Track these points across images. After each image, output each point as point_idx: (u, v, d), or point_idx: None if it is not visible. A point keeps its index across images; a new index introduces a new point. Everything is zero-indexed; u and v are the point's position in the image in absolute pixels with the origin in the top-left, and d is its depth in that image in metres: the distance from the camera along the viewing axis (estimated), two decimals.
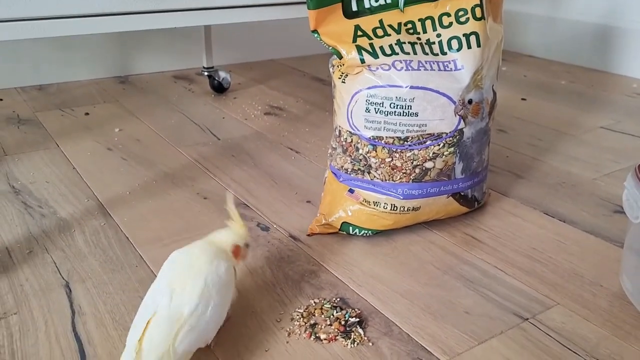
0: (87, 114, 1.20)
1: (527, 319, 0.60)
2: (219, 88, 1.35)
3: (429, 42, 0.70)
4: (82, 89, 1.38)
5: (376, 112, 0.69)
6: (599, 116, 1.26)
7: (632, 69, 1.58)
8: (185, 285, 0.52)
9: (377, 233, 0.75)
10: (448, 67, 0.69)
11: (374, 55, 0.68)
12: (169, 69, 1.56)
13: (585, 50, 1.67)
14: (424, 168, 0.71)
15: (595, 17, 1.64)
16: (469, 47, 0.69)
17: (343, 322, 0.58)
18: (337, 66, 0.72)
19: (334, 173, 0.76)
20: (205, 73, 1.35)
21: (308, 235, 0.76)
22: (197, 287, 0.52)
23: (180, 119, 1.19)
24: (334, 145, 0.76)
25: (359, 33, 0.69)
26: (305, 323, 0.58)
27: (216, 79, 1.34)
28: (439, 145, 0.70)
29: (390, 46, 0.68)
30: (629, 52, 1.58)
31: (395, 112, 0.68)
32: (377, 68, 0.68)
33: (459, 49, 0.69)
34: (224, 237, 0.57)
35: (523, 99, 1.37)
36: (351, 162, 0.73)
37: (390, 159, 0.70)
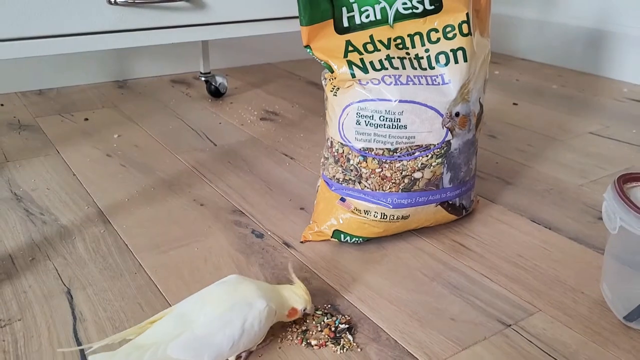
0: (86, 119, 1.22)
1: (510, 325, 0.63)
2: (216, 93, 1.37)
3: (417, 57, 0.72)
4: (82, 93, 1.40)
5: (366, 125, 0.71)
6: (588, 121, 1.28)
7: (622, 73, 1.61)
8: (213, 301, 0.54)
9: (368, 240, 0.77)
10: (436, 82, 0.71)
11: (364, 70, 0.71)
12: (167, 73, 1.59)
13: (576, 53, 1.70)
14: (412, 178, 0.73)
15: (586, 21, 1.66)
16: (456, 62, 0.72)
17: (333, 329, 0.61)
18: (329, 80, 0.75)
19: (326, 182, 0.78)
20: (203, 78, 1.37)
21: (301, 242, 0.78)
22: (221, 307, 0.54)
23: (177, 124, 1.21)
24: (326, 155, 0.78)
25: (350, 48, 0.72)
26: (297, 329, 0.61)
27: (213, 84, 1.36)
28: (427, 156, 0.73)
29: (380, 61, 0.71)
30: (619, 56, 1.61)
31: (384, 124, 0.71)
32: (368, 82, 0.71)
33: (446, 64, 0.72)
34: (287, 296, 0.58)
35: (514, 104, 1.39)
36: (342, 172, 0.75)
37: (380, 170, 0.73)
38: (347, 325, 0.61)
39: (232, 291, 0.56)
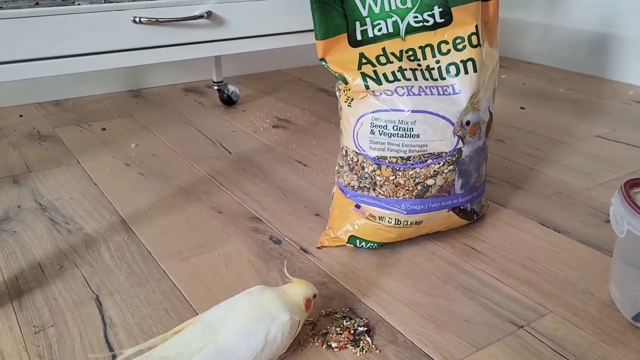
0: (103, 129, 1.25)
1: (522, 326, 0.66)
2: (229, 101, 1.40)
3: (428, 68, 0.75)
4: (97, 103, 1.44)
5: (380, 134, 0.74)
6: (595, 124, 1.30)
7: (628, 76, 1.63)
8: (238, 312, 0.55)
9: (383, 245, 0.80)
10: (447, 92, 0.74)
11: (378, 81, 0.73)
12: (179, 81, 1.62)
13: (582, 57, 1.72)
14: (425, 185, 0.76)
15: (592, 25, 1.68)
16: (466, 72, 0.74)
17: (352, 331, 0.63)
18: (344, 91, 0.77)
19: (341, 189, 0.81)
20: (215, 87, 1.40)
21: (318, 248, 0.81)
22: (245, 318, 0.55)
23: (192, 132, 1.24)
24: (341, 164, 0.81)
25: (364, 61, 0.74)
26: (318, 332, 0.64)
27: (225, 92, 1.39)
28: (439, 163, 0.75)
29: (393, 73, 0.74)
30: (625, 59, 1.62)
31: (398, 134, 0.74)
32: (381, 93, 0.73)
33: (456, 74, 0.74)
34: (299, 291, 0.60)
35: (522, 108, 1.42)
36: (357, 179, 0.78)
37: (394, 177, 0.76)
38: (365, 328, 0.64)
39: (256, 302, 0.57)
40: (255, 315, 0.55)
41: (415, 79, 0.74)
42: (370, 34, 0.74)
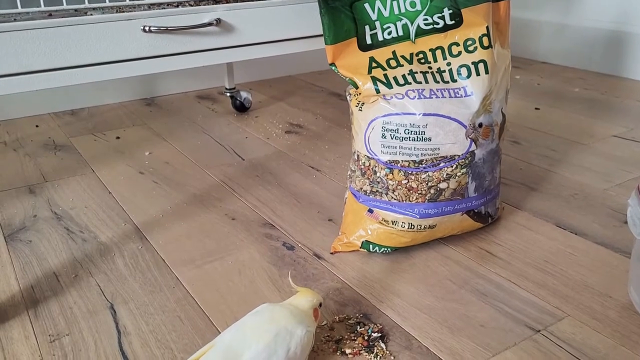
0: (118, 137, 1.26)
1: (539, 330, 0.64)
2: (241, 108, 1.41)
3: (439, 71, 0.74)
4: (112, 112, 1.45)
5: (392, 138, 0.74)
6: (611, 124, 1.28)
7: None
8: (255, 332, 0.54)
9: (396, 250, 0.79)
10: (458, 94, 0.73)
11: (388, 85, 0.73)
12: (192, 89, 1.63)
13: (597, 55, 1.70)
14: (438, 188, 0.75)
15: (606, 23, 1.66)
16: (478, 74, 0.73)
17: (366, 337, 0.63)
18: (354, 95, 0.77)
19: (353, 194, 0.80)
20: (228, 94, 1.41)
21: (331, 253, 0.80)
22: (265, 337, 0.54)
23: (205, 140, 1.25)
24: (353, 168, 0.81)
25: (374, 64, 0.74)
26: (332, 339, 0.63)
27: (238, 99, 1.40)
28: (452, 166, 0.75)
29: (403, 76, 0.73)
30: None
31: (409, 137, 0.73)
32: (392, 97, 0.73)
33: (468, 76, 0.74)
34: (305, 302, 0.59)
35: (537, 109, 1.40)
36: (370, 184, 0.77)
37: (406, 181, 0.75)
38: (379, 334, 0.63)
39: (270, 320, 0.56)
40: (273, 334, 0.54)
41: (426, 82, 0.73)
42: (380, 38, 0.74)
